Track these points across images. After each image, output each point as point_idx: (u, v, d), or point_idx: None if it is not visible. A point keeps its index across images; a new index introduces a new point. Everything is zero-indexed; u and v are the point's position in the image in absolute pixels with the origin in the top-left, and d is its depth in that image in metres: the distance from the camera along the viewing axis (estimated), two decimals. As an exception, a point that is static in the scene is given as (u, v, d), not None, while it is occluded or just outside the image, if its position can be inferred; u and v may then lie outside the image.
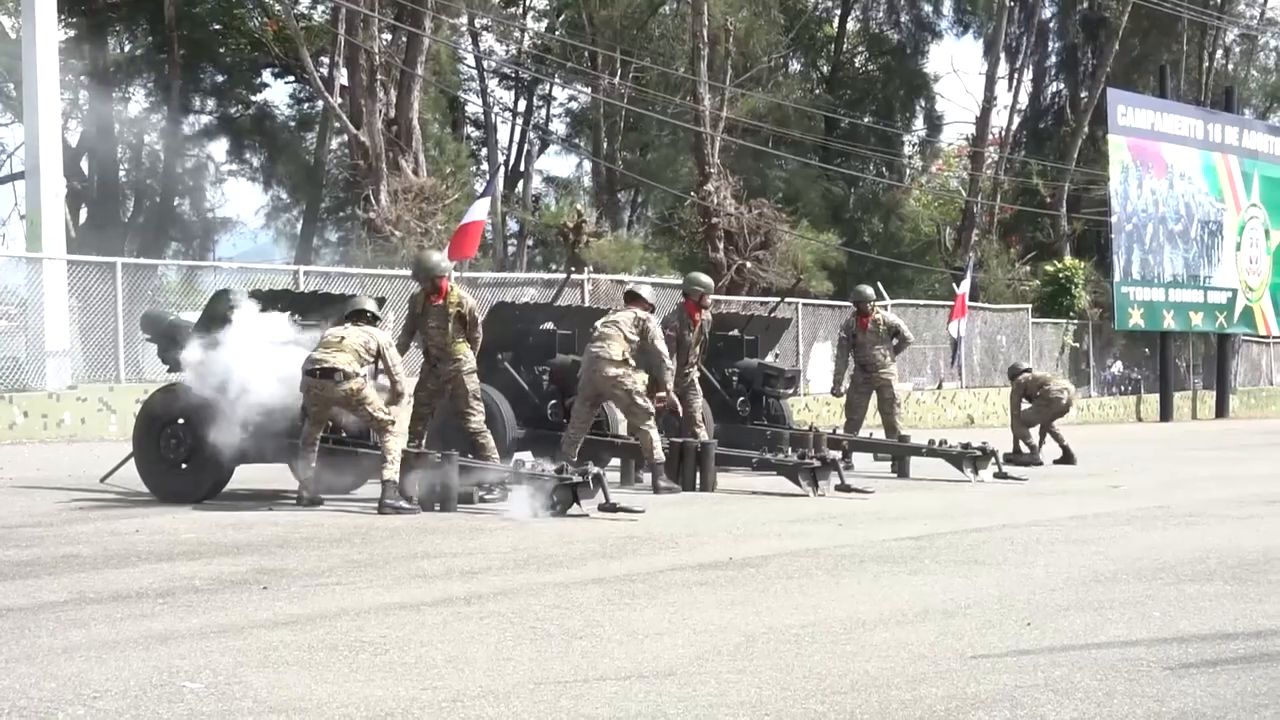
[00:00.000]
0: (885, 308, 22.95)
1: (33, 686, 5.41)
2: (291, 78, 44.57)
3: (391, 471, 11.72)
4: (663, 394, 14.29)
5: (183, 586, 7.78)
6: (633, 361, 14.01)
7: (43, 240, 20.80)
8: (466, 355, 13.19)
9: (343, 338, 12.09)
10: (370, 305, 12.51)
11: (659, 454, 13.97)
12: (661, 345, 14.36)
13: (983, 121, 47.64)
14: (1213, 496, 14.49)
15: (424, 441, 13.15)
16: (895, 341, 18.51)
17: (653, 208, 52.23)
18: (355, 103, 32.12)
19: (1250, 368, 48.06)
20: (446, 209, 31.38)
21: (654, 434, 13.97)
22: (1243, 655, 6.19)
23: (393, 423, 11.98)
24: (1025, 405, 19.78)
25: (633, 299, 14.55)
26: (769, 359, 18.37)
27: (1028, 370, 20.48)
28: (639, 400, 13.95)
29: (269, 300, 12.97)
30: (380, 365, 12.20)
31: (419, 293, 13.45)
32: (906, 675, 5.73)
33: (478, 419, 13.07)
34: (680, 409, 14.78)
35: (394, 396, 12.33)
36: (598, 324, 14.47)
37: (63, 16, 32.81)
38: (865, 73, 55.11)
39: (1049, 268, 42.53)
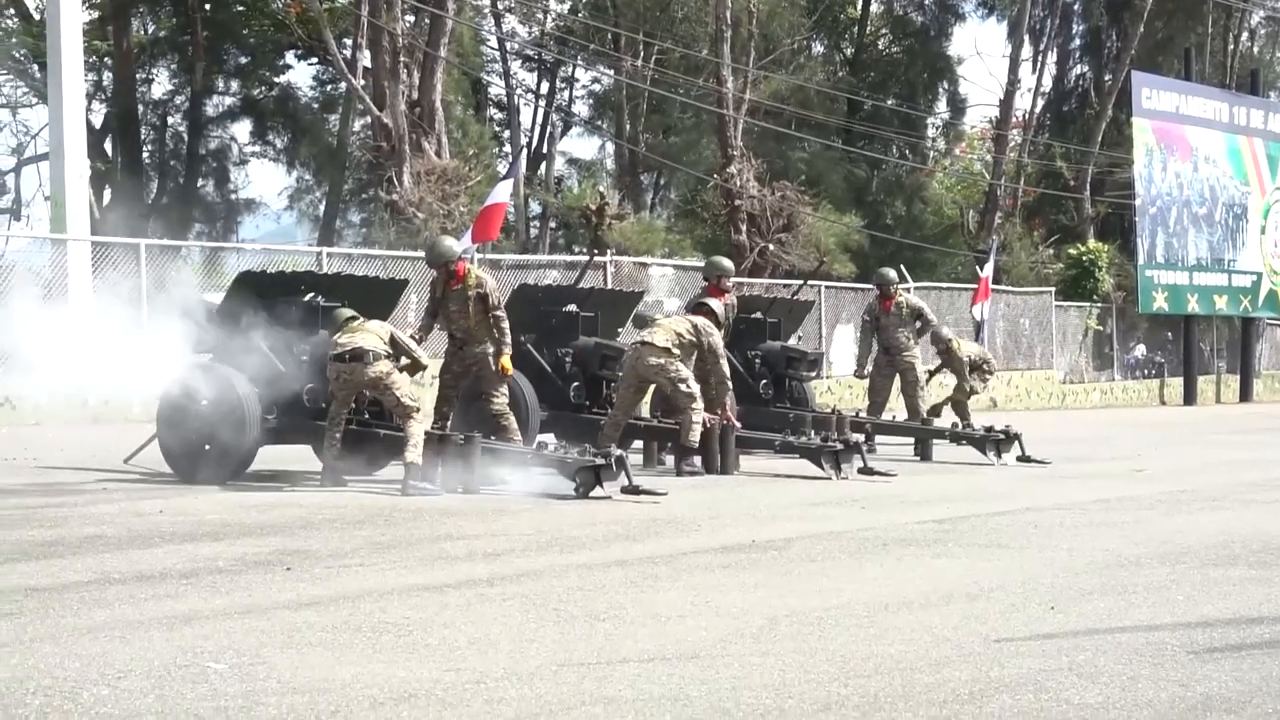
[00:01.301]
0: (908, 290, 22.92)
1: (57, 666, 5.43)
2: (315, 59, 44.56)
3: (415, 454, 11.77)
4: (718, 415, 14.30)
5: (206, 567, 7.80)
6: (678, 353, 14.01)
7: (67, 221, 20.86)
8: (503, 341, 13.20)
9: (363, 322, 12.23)
10: (349, 311, 12.51)
11: (694, 439, 13.97)
12: (724, 365, 14.38)
13: (1006, 104, 47.45)
14: (1236, 480, 14.44)
15: (449, 424, 13.20)
16: (918, 324, 18.49)
17: (675, 190, 52.13)
18: (378, 84, 32.11)
19: (1274, 351, 47.86)
20: (469, 191, 31.36)
21: (696, 419, 13.95)
22: (1267, 640, 6.17)
23: (417, 409, 12.05)
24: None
25: (699, 308, 14.65)
26: (792, 342, 18.34)
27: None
28: (683, 386, 13.94)
29: (289, 282, 13.02)
30: (395, 350, 12.31)
31: (438, 278, 13.48)
32: (930, 658, 5.72)
33: (501, 400, 13.10)
34: (735, 426, 14.68)
35: (415, 366, 12.50)
36: (656, 317, 14.72)
37: (87, -2, 32.86)
38: (888, 55, 54.90)
39: (1072, 251, 42.38)
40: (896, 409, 19.08)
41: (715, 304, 14.94)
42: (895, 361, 18.32)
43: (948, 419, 18.67)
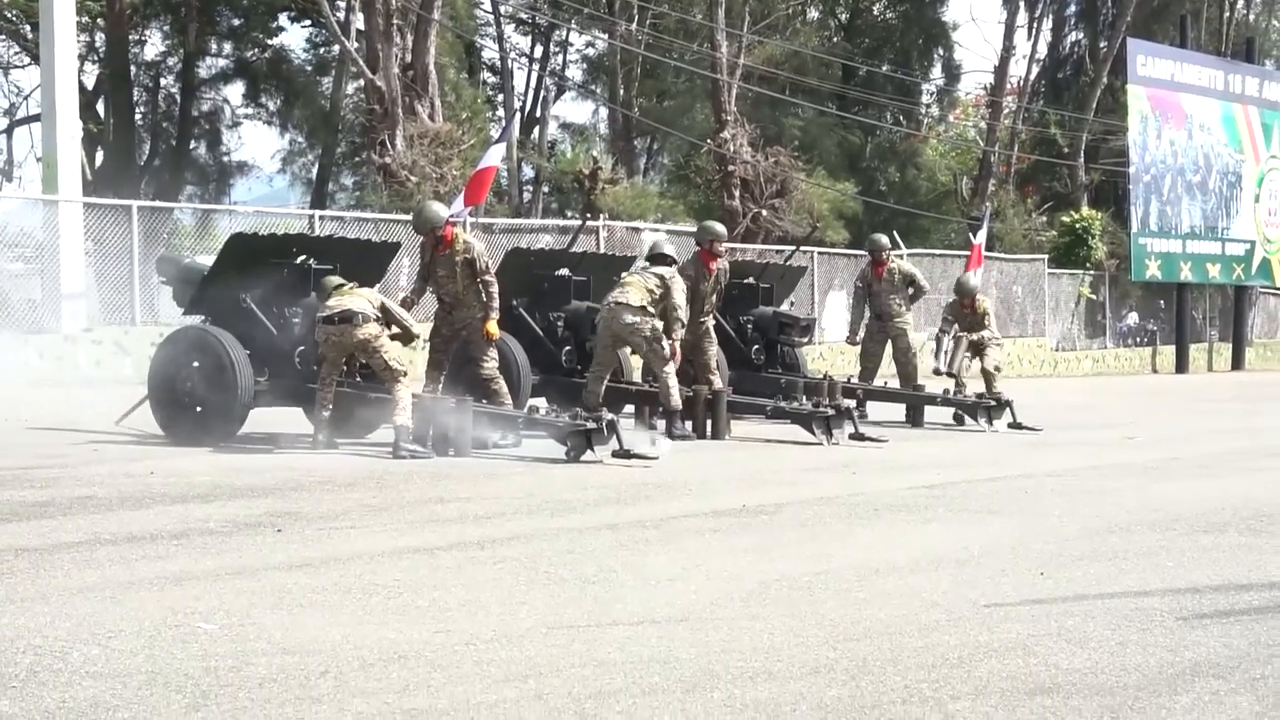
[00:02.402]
0: (901, 257, 22.88)
1: (48, 626, 5.43)
2: (308, 22, 44.44)
3: (404, 417, 11.78)
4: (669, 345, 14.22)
5: (197, 529, 7.80)
6: (652, 310, 14.03)
7: (59, 183, 20.80)
8: (492, 308, 13.17)
9: (352, 286, 12.24)
10: (338, 279, 12.50)
11: (675, 401, 13.99)
12: (679, 298, 14.30)
13: (1001, 71, 47.41)
14: (1227, 448, 14.47)
15: (440, 388, 13.19)
16: (910, 290, 18.44)
17: (669, 155, 52.04)
18: (372, 47, 32.00)
19: (1267, 319, 47.92)
20: (462, 154, 31.31)
21: (672, 380, 13.98)
22: (1256, 606, 6.18)
23: (404, 374, 12.04)
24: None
25: (660, 259, 14.58)
26: (784, 307, 18.33)
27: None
28: (657, 346, 13.97)
29: (281, 245, 12.99)
30: (385, 317, 12.30)
31: (425, 242, 13.46)
32: (919, 623, 5.73)
33: (490, 365, 13.08)
34: (677, 358, 14.62)
35: (407, 336, 12.48)
36: (623, 275, 14.54)
37: (79, -42, 32.62)
38: (883, 20, 54.71)
39: (1066, 218, 42.37)
40: (887, 375, 19.07)
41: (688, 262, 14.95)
42: (887, 328, 18.26)
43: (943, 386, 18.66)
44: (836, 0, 53.75)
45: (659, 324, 14.07)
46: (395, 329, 12.49)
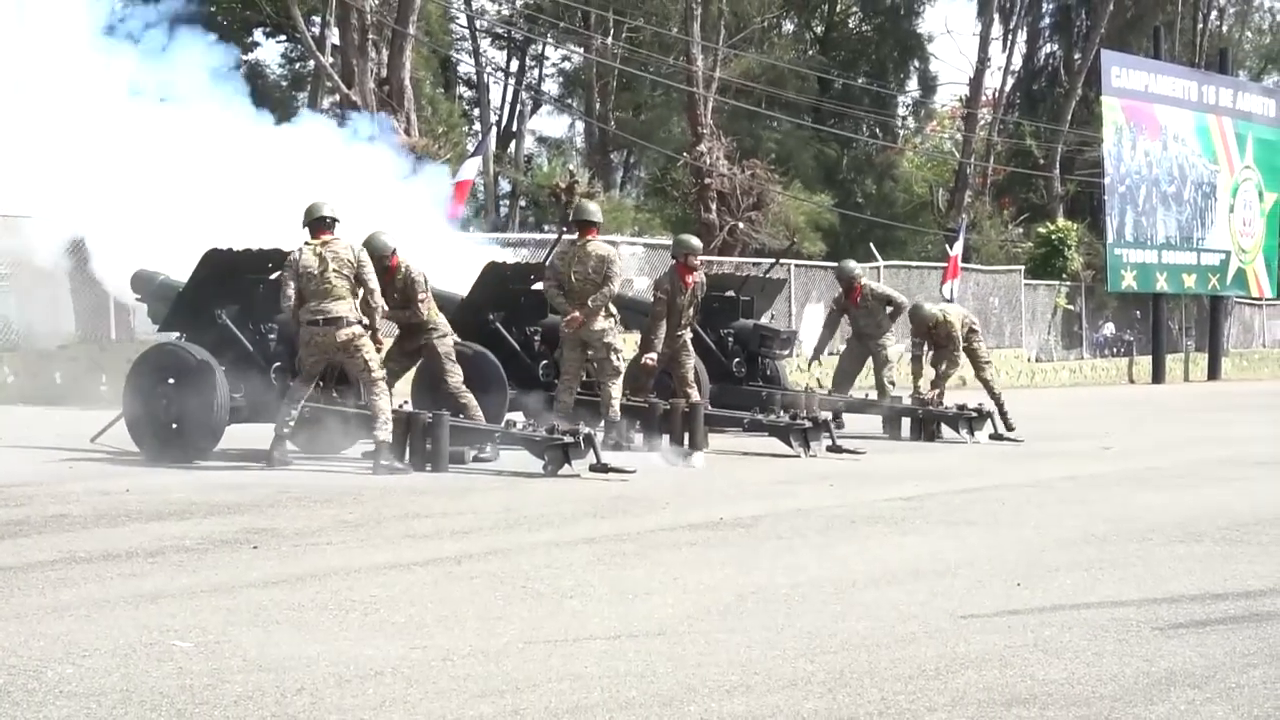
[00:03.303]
0: (875, 268, 22.83)
1: (22, 645, 5.41)
2: (283, 37, 44.39)
3: (385, 432, 11.70)
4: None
5: (173, 546, 7.78)
6: (616, 314, 13.96)
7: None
8: (439, 323, 13.14)
9: (331, 280, 11.89)
10: (328, 210, 12.22)
11: (615, 412, 13.82)
12: (616, 284, 13.98)
13: (976, 83, 47.52)
14: (1204, 458, 14.50)
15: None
16: (890, 309, 18.17)
17: (645, 168, 52.09)
18: (347, 62, 31.97)
19: (1242, 330, 48.02)
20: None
21: (616, 391, 13.85)
22: (1232, 615, 6.20)
23: (383, 378, 11.97)
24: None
25: (589, 226, 14.10)
26: (764, 320, 18.29)
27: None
28: (614, 358, 13.85)
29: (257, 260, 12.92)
30: (359, 282, 12.05)
31: (378, 271, 13.19)
32: (896, 635, 5.74)
33: (456, 378, 13.00)
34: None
35: (369, 311, 12.11)
36: (565, 270, 13.91)
37: (52, -26, 32.51)
38: (859, 33, 54.86)
39: (1042, 229, 42.42)
40: (866, 388, 19.05)
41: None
42: (869, 346, 18.02)
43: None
44: (812, 13, 53.88)
45: (619, 339, 13.97)
46: (364, 294, 12.12)
